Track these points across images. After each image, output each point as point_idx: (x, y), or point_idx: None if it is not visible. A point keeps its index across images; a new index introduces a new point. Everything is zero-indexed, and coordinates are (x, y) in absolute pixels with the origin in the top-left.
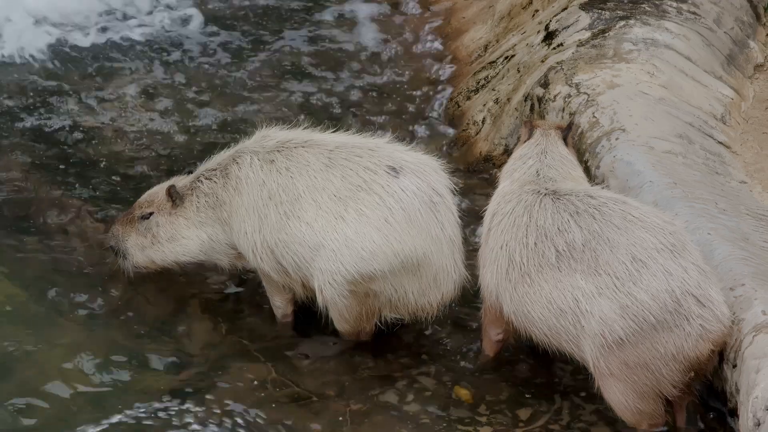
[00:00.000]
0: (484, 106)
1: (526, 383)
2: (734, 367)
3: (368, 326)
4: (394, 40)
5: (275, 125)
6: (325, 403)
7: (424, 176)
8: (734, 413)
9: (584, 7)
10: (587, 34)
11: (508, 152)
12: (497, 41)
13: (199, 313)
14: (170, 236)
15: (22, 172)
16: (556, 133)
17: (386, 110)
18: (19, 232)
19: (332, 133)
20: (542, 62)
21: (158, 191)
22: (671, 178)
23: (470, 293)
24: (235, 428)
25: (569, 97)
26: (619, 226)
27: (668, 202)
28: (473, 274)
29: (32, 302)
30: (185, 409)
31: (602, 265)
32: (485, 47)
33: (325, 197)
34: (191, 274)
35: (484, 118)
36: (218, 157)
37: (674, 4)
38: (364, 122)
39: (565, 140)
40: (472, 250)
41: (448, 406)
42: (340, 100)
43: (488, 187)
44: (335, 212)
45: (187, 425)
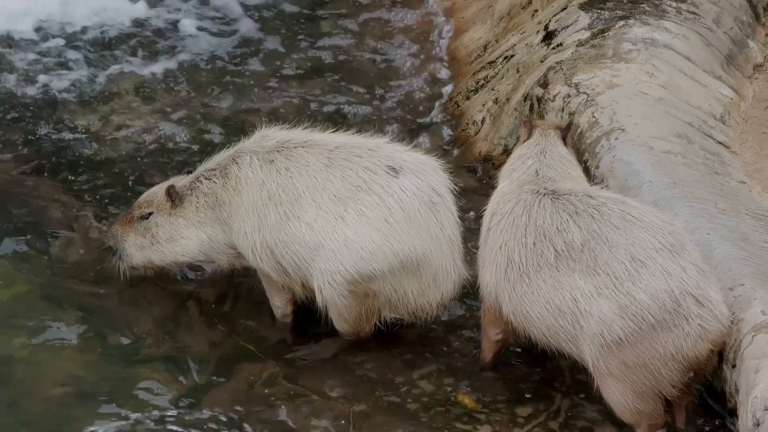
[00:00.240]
0: (483, 106)
1: (525, 382)
2: (733, 367)
3: (368, 326)
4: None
5: (275, 125)
6: (324, 403)
7: (423, 176)
8: (734, 413)
9: (583, 6)
10: (586, 34)
11: (507, 152)
12: (497, 41)
13: (198, 313)
14: (169, 236)
15: (22, 172)
16: (555, 133)
17: (385, 110)
18: (19, 232)
19: (332, 133)
20: (542, 62)
21: (157, 191)
22: (670, 178)
23: (470, 293)
24: (234, 429)
25: (568, 97)
26: (618, 226)
27: (667, 202)
28: (473, 274)
29: (31, 303)
30: (185, 410)
31: (601, 264)
32: (485, 47)
33: (324, 197)
34: (190, 274)
35: (483, 118)
36: (218, 157)
37: (673, 3)
38: (363, 122)
39: (564, 140)
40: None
41: (447, 405)
42: (339, 100)
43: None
44: (335, 212)
45: (187, 426)
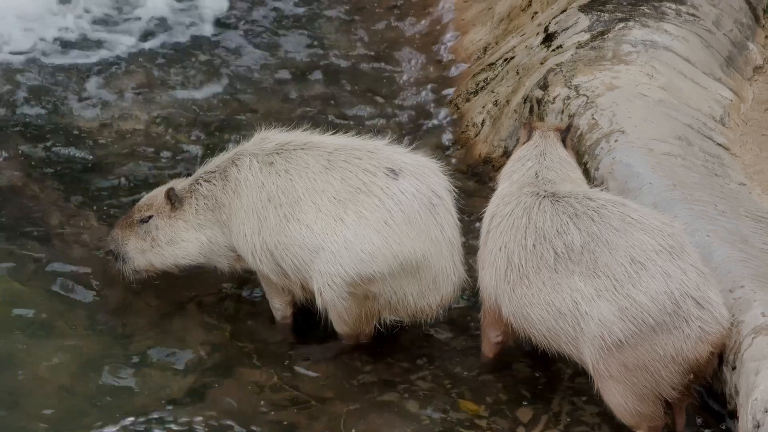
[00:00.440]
0: (483, 107)
1: (525, 385)
2: (733, 369)
3: (368, 328)
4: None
5: (274, 127)
6: (324, 405)
7: (423, 178)
8: (734, 415)
9: (583, 8)
10: (586, 36)
11: (507, 154)
12: (496, 43)
13: (198, 316)
14: (169, 239)
15: (22, 174)
16: (555, 135)
17: (385, 112)
18: (18, 234)
19: (331, 135)
20: (541, 64)
21: (157, 194)
22: (670, 180)
23: (470, 295)
24: (234, 431)
25: (568, 99)
26: (617, 228)
27: (667, 204)
28: (473, 276)
29: (31, 305)
30: (184, 412)
31: (601, 267)
32: (484, 49)
33: (324, 199)
34: (190, 277)
35: (483, 119)
36: (217, 159)
37: (673, 6)
38: (362, 124)
39: (564, 142)
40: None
41: (447, 408)
42: (338, 101)
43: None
44: (335, 214)
45: (186, 427)
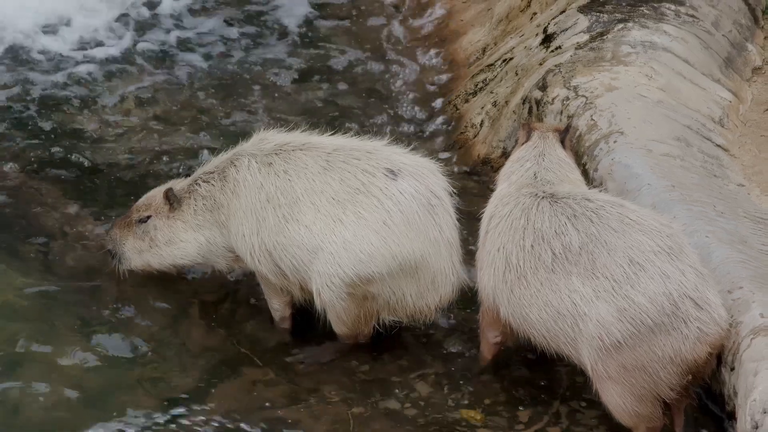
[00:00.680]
0: (482, 108)
1: (523, 386)
2: (732, 370)
3: (366, 329)
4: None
5: (273, 128)
6: (323, 406)
7: (422, 179)
8: (732, 416)
9: (582, 9)
10: (585, 36)
11: (506, 155)
12: (495, 44)
13: (197, 316)
14: (168, 239)
15: (20, 175)
16: (554, 135)
17: (384, 112)
18: (17, 235)
19: (330, 135)
20: (540, 65)
21: (156, 194)
22: (669, 181)
23: (468, 295)
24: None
25: (567, 99)
26: (616, 229)
27: (666, 205)
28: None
29: (30, 306)
30: (184, 413)
31: (599, 268)
32: (483, 50)
33: (323, 200)
34: (189, 277)
35: (482, 120)
36: (216, 159)
37: (672, 6)
38: (361, 125)
39: (562, 143)
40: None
41: (445, 408)
42: (337, 102)
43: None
44: (333, 215)
45: (185, 428)
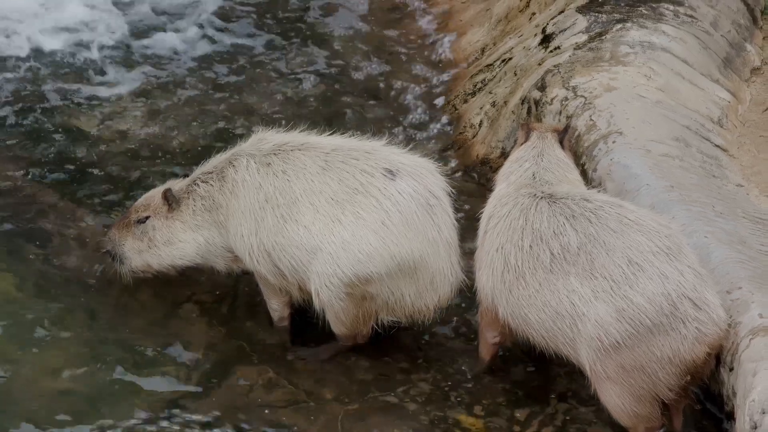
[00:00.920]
0: (481, 109)
1: (522, 385)
2: (731, 370)
3: (365, 329)
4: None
5: (271, 128)
6: (322, 406)
7: (420, 179)
8: (731, 416)
9: (581, 10)
10: (584, 37)
11: (504, 155)
12: (494, 44)
13: (195, 316)
14: (167, 240)
15: (19, 175)
16: (552, 136)
17: (383, 113)
18: (16, 235)
19: (329, 135)
20: (539, 65)
21: (154, 195)
22: (668, 181)
23: (467, 296)
24: (231, 431)
25: (566, 100)
26: (614, 229)
27: (665, 205)
28: (470, 277)
29: (29, 306)
30: (183, 413)
31: (598, 268)
32: (482, 50)
33: (322, 200)
34: (188, 277)
35: (481, 121)
36: (215, 160)
37: (671, 7)
38: (360, 125)
39: (561, 143)
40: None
41: (444, 408)
42: (337, 102)
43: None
44: (332, 215)
45: (184, 428)
